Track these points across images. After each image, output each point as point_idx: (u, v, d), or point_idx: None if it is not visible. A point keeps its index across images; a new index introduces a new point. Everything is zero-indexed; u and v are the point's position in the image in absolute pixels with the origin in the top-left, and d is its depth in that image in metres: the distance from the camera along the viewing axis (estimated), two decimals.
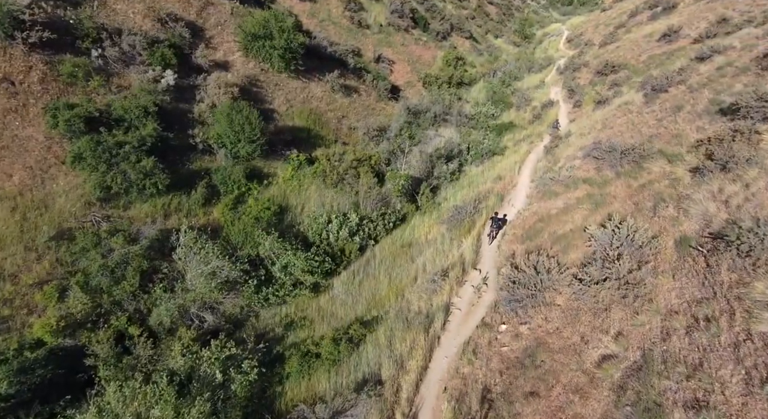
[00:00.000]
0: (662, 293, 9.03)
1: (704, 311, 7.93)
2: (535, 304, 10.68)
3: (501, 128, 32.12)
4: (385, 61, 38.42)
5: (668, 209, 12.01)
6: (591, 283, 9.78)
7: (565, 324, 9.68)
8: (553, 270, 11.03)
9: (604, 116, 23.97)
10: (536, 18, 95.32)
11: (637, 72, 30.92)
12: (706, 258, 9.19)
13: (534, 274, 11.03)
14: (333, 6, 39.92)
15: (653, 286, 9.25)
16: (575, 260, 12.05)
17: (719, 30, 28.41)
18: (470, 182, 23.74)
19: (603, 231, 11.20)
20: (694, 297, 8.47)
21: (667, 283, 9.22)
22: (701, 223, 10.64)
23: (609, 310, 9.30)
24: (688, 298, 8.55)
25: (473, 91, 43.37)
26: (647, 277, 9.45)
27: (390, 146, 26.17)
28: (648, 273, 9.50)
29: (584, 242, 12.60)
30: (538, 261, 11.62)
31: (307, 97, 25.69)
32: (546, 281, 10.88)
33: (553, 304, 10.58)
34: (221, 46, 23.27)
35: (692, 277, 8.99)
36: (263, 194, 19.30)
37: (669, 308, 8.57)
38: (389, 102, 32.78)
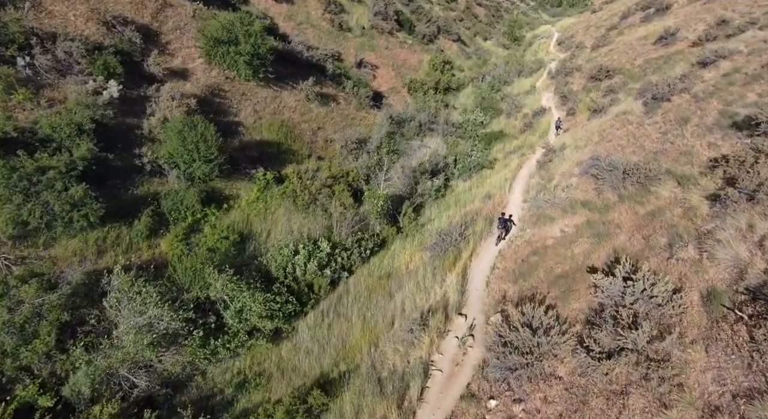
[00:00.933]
0: (695, 375, 7.04)
1: (758, 413, 5.92)
2: (532, 375, 8.64)
3: (490, 137, 30.23)
4: (368, 66, 36.41)
5: (687, 249, 10.06)
6: (601, 356, 7.75)
7: (570, 410, 7.64)
8: (553, 330, 9.00)
9: (602, 127, 22.14)
10: (525, 20, 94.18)
11: (633, 77, 29.25)
12: (749, 327, 7.22)
13: (530, 335, 8.98)
14: (312, 8, 37.83)
15: (682, 363, 7.25)
16: (578, 312, 10.05)
17: (719, 32, 26.84)
18: (457, 200, 21.74)
19: (612, 281, 9.20)
20: (739, 386, 6.49)
21: (700, 359, 7.24)
22: (732, 272, 8.70)
23: (627, 395, 7.29)
24: (731, 386, 6.56)
25: (461, 96, 41.55)
26: (673, 350, 7.45)
27: (370, 159, 24.08)
28: (674, 344, 7.51)
29: (588, 287, 10.61)
30: (533, 316, 9.59)
31: (279, 108, 23.52)
32: (544, 344, 8.85)
33: (554, 376, 8.55)
34: (180, 53, 21.03)
35: (732, 354, 7.02)
36: (222, 221, 17.09)
37: (707, 400, 6.57)
38: (371, 111, 30.73)
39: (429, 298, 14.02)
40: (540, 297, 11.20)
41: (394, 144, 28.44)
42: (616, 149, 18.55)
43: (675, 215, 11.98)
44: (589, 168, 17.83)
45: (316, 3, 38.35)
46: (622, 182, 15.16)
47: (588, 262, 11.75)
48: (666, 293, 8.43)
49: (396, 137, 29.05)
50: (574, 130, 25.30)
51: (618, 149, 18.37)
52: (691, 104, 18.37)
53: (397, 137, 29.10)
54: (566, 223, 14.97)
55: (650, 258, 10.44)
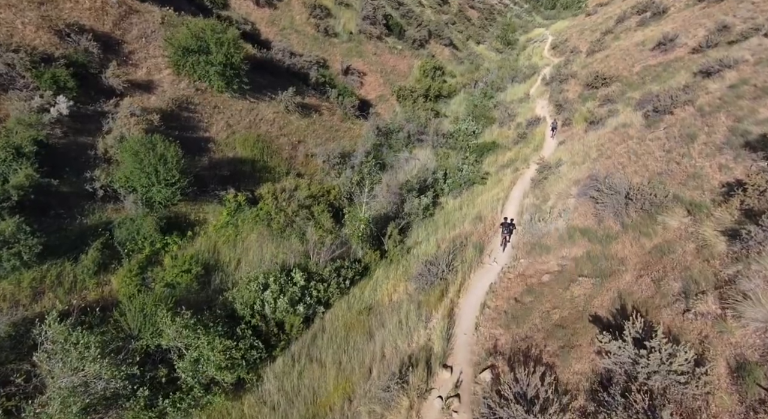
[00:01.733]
0: None
1: None
2: None
3: (482, 148, 28.85)
4: (355, 74, 34.97)
5: (706, 300, 8.64)
6: None
7: None
8: (551, 406, 7.52)
9: (600, 141, 20.81)
10: (519, 23, 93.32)
11: (630, 85, 28.03)
12: None
13: (523, 413, 7.50)
14: (296, 12, 36.36)
15: None
16: (581, 377, 8.59)
17: (720, 39, 25.67)
18: (446, 221, 20.28)
19: (621, 345, 7.74)
20: None
21: None
22: (764, 337, 7.29)
23: None
24: None
25: (453, 103, 40.21)
26: None
27: (354, 175, 22.58)
28: None
29: (591, 343, 9.16)
30: (528, 383, 8.11)
31: (255, 121, 21.98)
32: None
33: None
34: (144, 63, 19.45)
35: None
36: (186, 250, 15.51)
37: None
38: (357, 121, 29.26)
39: (411, 342, 12.51)
40: (536, 352, 9.74)
41: (381, 156, 27.01)
42: (616, 167, 17.19)
43: (687, 252, 10.58)
44: (587, 189, 16.46)
45: (301, 7, 36.90)
46: (625, 207, 13.78)
47: (590, 308, 10.31)
48: (688, 366, 6.98)
49: (383, 149, 27.60)
50: (570, 143, 23.96)
51: (618, 168, 17.01)
52: (697, 119, 17.05)
53: (384, 149, 27.65)
54: (564, 254, 13.55)
55: (663, 310, 9.01)
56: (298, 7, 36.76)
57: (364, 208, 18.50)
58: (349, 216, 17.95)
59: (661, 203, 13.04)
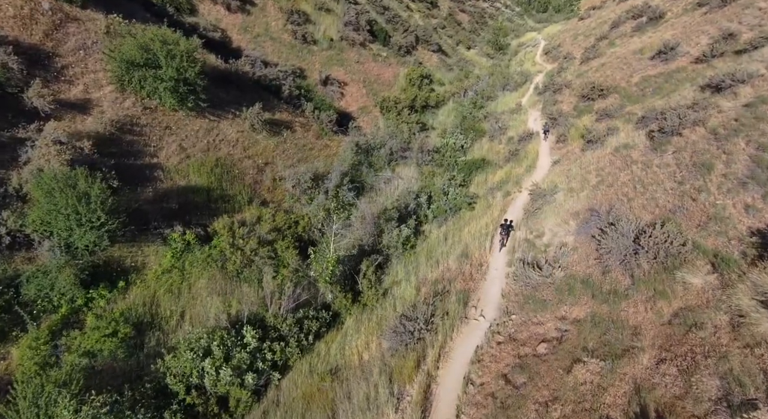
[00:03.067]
0: None
1: None
2: None
3: (471, 166, 26.73)
4: (335, 84, 32.75)
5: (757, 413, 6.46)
6: None
7: None
8: None
9: (599, 163, 18.74)
10: (511, 26, 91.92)
11: (629, 97, 26.10)
12: None
13: None
14: (272, 18, 34.10)
15: None
16: None
17: (726, 48, 23.82)
18: (429, 255, 18.06)
19: None
20: None
21: None
22: None
23: None
24: None
25: (441, 114, 38.14)
26: None
27: (327, 202, 20.32)
28: None
29: None
30: None
31: (215, 142, 19.64)
32: None
33: None
34: (81, 79, 17.05)
35: None
36: (116, 305, 13.10)
37: None
38: (334, 137, 27.01)
39: None
40: None
41: (360, 176, 24.79)
42: (619, 198, 15.09)
43: (720, 329, 8.43)
44: (587, 226, 14.32)
45: (277, 13, 34.65)
46: (634, 256, 11.64)
47: (600, 406, 8.09)
48: None
49: (362, 168, 25.38)
50: (566, 163, 21.90)
51: (622, 200, 14.91)
52: (711, 144, 15.01)
53: (364, 168, 25.42)
54: (563, 313, 11.36)
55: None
56: (274, 12, 34.51)
57: (333, 246, 16.17)
58: (315, 257, 15.64)
59: (678, 254, 10.93)
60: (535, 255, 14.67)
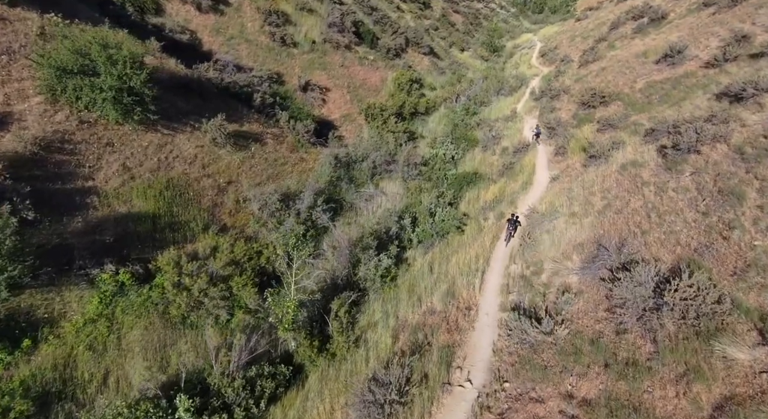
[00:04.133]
0: None
1: None
2: None
3: (462, 180, 24.51)
4: (316, 89, 30.46)
5: None
6: None
7: None
8: None
9: (604, 183, 16.54)
10: (506, 28, 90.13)
11: (633, 105, 23.97)
12: None
13: None
14: (248, 19, 31.78)
15: None
16: None
17: (740, 51, 21.73)
18: (411, 289, 15.79)
19: None
20: None
21: None
22: None
23: None
24: None
25: (431, 121, 35.96)
26: None
27: (296, 227, 18.01)
28: None
29: None
30: None
31: (168, 160, 17.29)
32: None
33: None
34: (2, 89, 14.64)
35: None
36: (18, 370, 10.71)
37: None
38: (312, 150, 24.70)
39: None
40: None
41: (339, 193, 22.50)
42: (631, 230, 12.88)
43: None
44: (594, 264, 12.09)
45: (254, 13, 32.33)
46: (656, 312, 9.41)
47: None
48: None
49: (342, 184, 23.08)
50: (566, 180, 19.70)
51: (634, 231, 12.70)
52: (737, 165, 12.84)
53: (344, 183, 23.12)
54: (569, 388, 9.11)
55: None
56: (250, 12, 32.18)
57: (295, 287, 13.84)
58: (272, 301, 13.29)
59: (713, 314, 8.70)
60: (532, 298, 12.45)
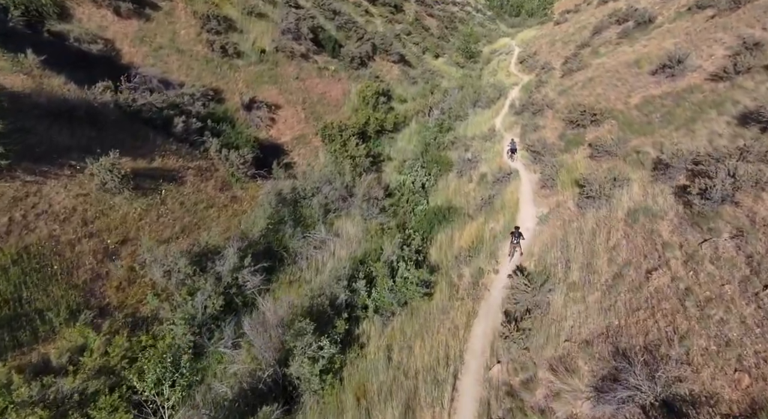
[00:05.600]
0: None
1: None
2: None
3: (432, 217, 20.59)
4: (263, 107, 26.19)
5: None
6: None
7: None
8: None
9: (609, 242, 12.84)
10: (482, 32, 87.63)
11: (630, 125, 20.55)
12: None
13: None
14: (181, 25, 27.34)
15: None
16: None
17: (755, 62, 18.51)
18: (359, 393, 11.70)
19: None
20: None
21: None
22: None
23: None
24: None
25: (400, 139, 32.08)
26: None
27: (211, 299, 13.72)
28: None
29: None
30: None
31: (25, 220, 12.80)
32: None
33: None
34: None
35: None
36: None
37: None
38: (250, 184, 20.44)
39: None
40: None
41: (280, 240, 18.29)
42: (661, 327, 9.09)
43: None
44: (615, 393, 8.21)
45: (189, 18, 27.89)
46: None
47: None
48: None
49: (285, 229, 18.85)
50: (557, 222, 15.97)
51: (667, 332, 8.91)
52: None
53: (288, 227, 18.90)
54: None
55: None
56: (185, 17, 27.75)
57: None
58: None
59: None
60: None
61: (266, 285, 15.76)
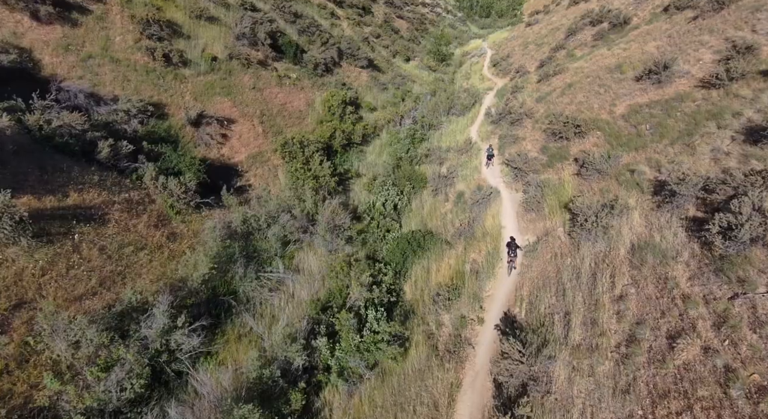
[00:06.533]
0: None
1: None
2: None
3: (406, 246, 18.23)
4: (213, 123, 23.29)
5: None
6: None
7: None
8: None
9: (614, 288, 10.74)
10: (453, 33, 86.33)
11: (618, 138, 18.79)
12: None
13: None
14: (116, 31, 24.13)
15: None
16: None
17: (749, 67, 17.01)
18: None
19: None
20: None
21: None
22: None
23: None
24: None
25: (370, 152, 29.67)
26: None
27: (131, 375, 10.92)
28: None
29: None
30: None
31: None
32: None
33: None
34: None
35: None
36: None
37: None
38: (194, 216, 17.60)
39: None
40: None
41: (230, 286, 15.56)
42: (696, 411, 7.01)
43: None
44: None
45: (126, 23, 24.68)
46: None
47: None
48: None
49: (235, 269, 16.12)
50: (548, 258, 13.86)
51: None
52: None
53: (238, 267, 16.17)
54: None
55: None
56: (120, 22, 24.53)
57: None
58: None
59: None
60: None
61: (208, 346, 13.05)
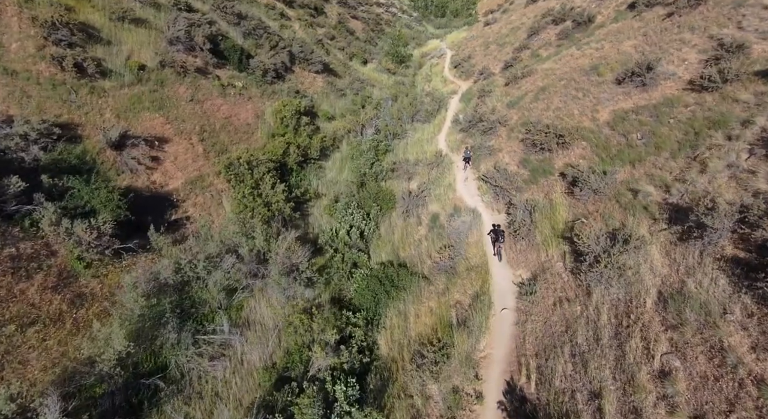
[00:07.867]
0: None
1: None
2: None
3: (378, 285, 15.43)
4: (141, 144, 19.54)
5: None
6: None
7: None
8: None
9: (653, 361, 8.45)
10: (410, 34, 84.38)
11: (606, 149, 16.90)
12: None
13: None
14: (13, 37, 19.89)
15: None
16: None
17: (745, 67, 15.50)
18: None
19: None
20: None
21: None
22: None
23: None
24: None
25: (330, 167, 26.69)
26: None
27: None
28: None
29: None
30: None
31: None
32: None
33: None
34: None
35: None
36: None
37: None
38: (111, 267, 14.03)
39: None
40: None
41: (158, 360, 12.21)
42: None
43: None
44: None
45: (26, 26, 20.43)
46: None
47: None
48: None
49: (166, 334, 12.75)
50: (550, 306, 11.51)
51: None
52: None
53: (170, 330, 12.81)
54: None
55: None
56: (17, 25, 20.28)
57: None
58: None
59: None
60: None
61: None
